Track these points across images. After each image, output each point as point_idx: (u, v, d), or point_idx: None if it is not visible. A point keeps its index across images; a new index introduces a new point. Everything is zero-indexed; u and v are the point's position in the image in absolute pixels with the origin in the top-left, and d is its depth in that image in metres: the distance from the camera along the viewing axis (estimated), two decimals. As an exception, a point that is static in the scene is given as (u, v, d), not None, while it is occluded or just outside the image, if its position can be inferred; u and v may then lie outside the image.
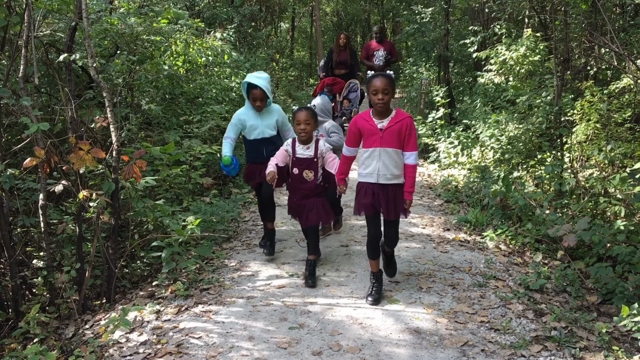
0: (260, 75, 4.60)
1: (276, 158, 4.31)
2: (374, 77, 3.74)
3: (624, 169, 5.99)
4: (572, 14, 8.27)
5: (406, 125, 3.76)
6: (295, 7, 18.80)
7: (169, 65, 6.98)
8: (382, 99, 3.69)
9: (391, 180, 3.83)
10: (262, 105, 4.59)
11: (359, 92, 9.74)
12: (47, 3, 5.05)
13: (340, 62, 10.22)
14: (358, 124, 3.86)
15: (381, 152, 3.78)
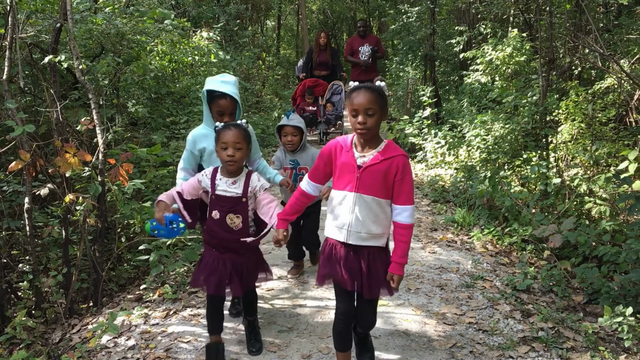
0: (227, 79, 3.33)
1: (181, 186, 3.08)
2: (354, 90, 2.63)
3: (609, 167, 6.07)
4: (556, 14, 8.34)
5: (397, 167, 2.62)
6: (281, 5, 18.75)
7: (155, 65, 6.94)
8: (364, 123, 2.55)
9: (366, 241, 2.72)
10: (231, 121, 3.20)
11: (343, 94, 9.40)
12: (31, 4, 4.98)
13: (320, 62, 9.73)
14: (331, 151, 2.76)
15: (356, 199, 2.67)
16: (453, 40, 10.26)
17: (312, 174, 2.87)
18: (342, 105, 9.66)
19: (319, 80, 9.52)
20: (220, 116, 3.29)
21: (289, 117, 3.88)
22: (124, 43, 6.16)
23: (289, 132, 3.94)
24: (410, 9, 12.26)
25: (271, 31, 21.88)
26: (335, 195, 2.79)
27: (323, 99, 9.73)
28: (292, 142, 3.92)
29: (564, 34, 8.30)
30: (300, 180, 3.06)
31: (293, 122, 3.92)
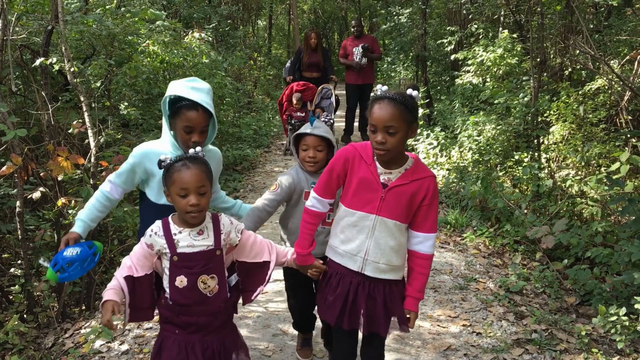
0: (199, 85, 2.56)
1: (127, 265, 2.27)
2: (376, 100, 2.19)
3: (599, 168, 6.11)
4: (547, 15, 8.39)
5: (427, 189, 2.29)
6: (272, 5, 18.73)
7: (147, 67, 6.91)
8: (382, 143, 2.16)
9: (384, 274, 2.35)
10: (201, 141, 2.52)
11: (334, 98, 8.77)
12: (22, 5, 4.94)
13: (311, 64, 9.14)
14: (347, 160, 2.34)
15: (377, 224, 2.30)
16: (444, 40, 10.27)
17: (322, 187, 2.41)
18: (332, 110, 8.90)
19: (308, 84, 8.81)
20: (187, 134, 2.48)
21: (314, 124, 2.90)
22: (115, 44, 6.12)
23: (312, 144, 2.82)
24: (402, 10, 12.28)
25: (262, 31, 21.86)
26: (347, 214, 2.35)
27: (312, 104, 8.92)
28: (315, 158, 2.82)
29: (555, 34, 8.35)
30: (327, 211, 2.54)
31: (319, 132, 2.82)
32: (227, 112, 10.17)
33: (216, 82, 8.90)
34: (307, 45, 9.12)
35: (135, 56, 6.33)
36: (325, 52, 9.32)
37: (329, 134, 2.86)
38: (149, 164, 2.56)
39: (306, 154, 2.84)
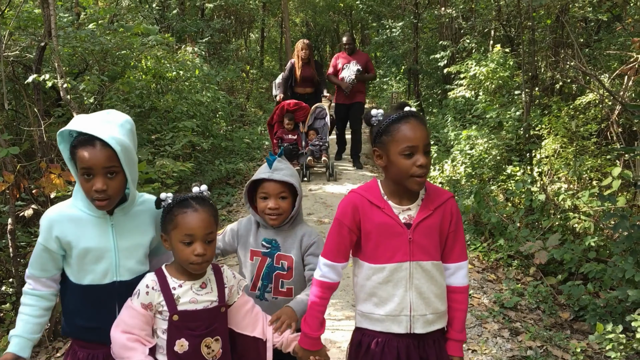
0: (108, 118, 1.97)
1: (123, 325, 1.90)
2: (403, 118, 1.92)
3: (592, 181, 6.15)
4: (538, 29, 8.48)
5: (452, 214, 2.03)
6: (264, 19, 18.81)
7: (138, 81, 6.90)
8: (426, 166, 1.90)
9: (433, 325, 2.03)
10: (108, 190, 1.89)
11: (328, 118, 8.17)
12: (15, 21, 4.93)
13: (304, 78, 8.37)
14: (356, 211, 2.01)
15: (414, 271, 1.98)
16: (437, 55, 10.34)
17: (333, 249, 2.04)
18: (326, 131, 8.26)
19: (301, 103, 8.04)
20: (86, 180, 1.88)
21: (273, 164, 2.25)
22: (108, 60, 6.12)
23: (273, 192, 2.22)
24: (394, 24, 12.37)
25: (255, 43, 21.93)
26: (374, 272, 2.00)
27: (305, 125, 8.24)
28: (278, 210, 2.23)
29: (545, 48, 8.44)
30: (275, 281, 2.25)
31: (280, 176, 2.22)
32: (220, 125, 10.17)
33: (209, 96, 8.90)
34: (297, 56, 8.35)
35: (128, 71, 6.33)
36: (318, 66, 8.62)
37: (293, 178, 2.26)
38: (61, 232, 1.94)
39: (266, 204, 2.23)
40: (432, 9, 11.75)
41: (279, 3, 22.22)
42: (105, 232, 1.99)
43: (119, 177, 1.91)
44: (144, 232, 2.06)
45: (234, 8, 13.60)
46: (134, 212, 2.05)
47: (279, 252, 2.29)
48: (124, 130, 1.94)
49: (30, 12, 5.77)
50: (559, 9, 6.95)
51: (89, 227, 1.97)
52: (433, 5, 12.20)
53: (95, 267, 1.99)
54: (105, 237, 1.99)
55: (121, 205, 2.01)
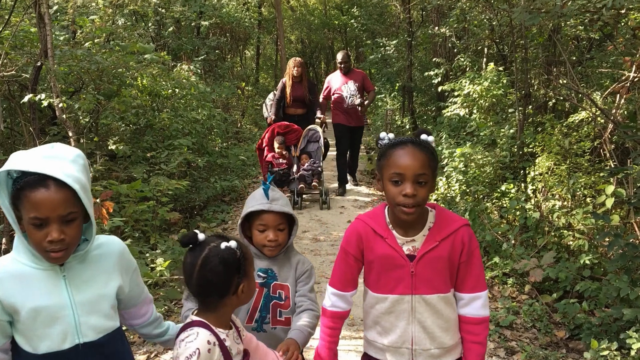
0: (54, 153, 1.65)
1: None
2: (397, 145, 1.85)
3: (585, 198, 6.18)
4: (530, 47, 8.56)
5: (463, 243, 1.90)
6: (260, 36, 18.95)
7: (134, 99, 6.93)
8: (413, 196, 1.79)
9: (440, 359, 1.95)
10: (73, 245, 1.65)
11: (322, 141, 7.77)
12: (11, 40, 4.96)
13: (296, 98, 7.90)
14: (360, 239, 1.96)
15: (416, 305, 1.90)
16: (431, 72, 10.41)
17: (340, 277, 2.01)
18: (320, 155, 7.82)
19: (292, 125, 7.66)
20: (37, 229, 1.57)
21: (270, 195, 2.19)
22: (104, 78, 6.15)
23: (272, 223, 2.18)
24: (388, 42, 12.47)
25: (250, 60, 22.06)
26: (377, 301, 1.95)
27: (297, 149, 7.84)
28: (277, 241, 2.19)
29: (538, 66, 8.52)
30: (273, 311, 2.19)
31: (279, 207, 2.18)
32: (216, 142, 10.19)
33: (205, 114, 8.92)
34: (289, 75, 7.85)
35: (124, 90, 6.35)
36: (311, 85, 8.16)
37: (289, 207, 2.24)
38: (3, 292, 1.62)
39: (264, 236, 2.17)
40: (426, 27, 11.86)
41: (274, 21, 22.43)
42: (57, 286, 1.67)
43: (77, 222, 1.64)
44: (107, 281, 1.78)
45: (230, 26, 13.69)
46: (91, 259, 1.76)
47: (275, 281, 2.25)
48: (78, 166, 1.65)
49: (26, 31, 5.80)
50: (551, 28, 7.03)
51: (36, 283, 1.64)
52: (427, 23, 12.33)
53: (50, 331, 1.65)
54: (58, 292, 1.66)
55: (75, 253, 1.69)
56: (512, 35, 7.71)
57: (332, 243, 6.35)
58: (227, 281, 1.73)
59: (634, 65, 5.63)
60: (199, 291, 1.75)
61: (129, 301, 1.90)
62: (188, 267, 1.74)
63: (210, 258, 1.71)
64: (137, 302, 1.93)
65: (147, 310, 1.98)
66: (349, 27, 23.59)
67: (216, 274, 1.71)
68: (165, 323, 2.10)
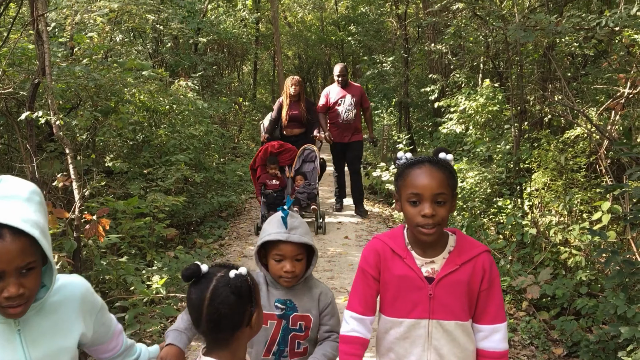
0: (13, 192, 1.42)
1: None
2: (414, 164, 1.81)
3: (582, 214, 6.19)
4: (526, 63, 8.63)
5: (484, 270, 1.84)
6: (257, 52, 19.07)
7: (132, 115, 6.94)
8: (432, 216, 1.74)
9: None
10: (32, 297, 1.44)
11: (318, 162, 7.39)
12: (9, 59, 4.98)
13: (293, 118, 7.61)
14: (379, 259, 1.90)
15: (433, 330, 1.84)
16: (427, 88, 10.47)
17: (359, 300, 1.91)
18: (315, 176, 7.42)
19: (286, 145, 7.35)
20: None
21: (288, 223, 2.06)
22: (101, 95, 6.17)
23: (290, 254, 2.05)
24: (385, 59, 12.56)
25: (247, 76, 22.17)
26: (392, 325, 1.87)
27: (291, 170, 7.44)
28: (294, 272, 2.06)
29: (534, 82, 8.58)
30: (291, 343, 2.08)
31: (298, 237, 2.05)
32: (213, 158, 10.20)
33: (202, 129, 8.94)
34: (286, 93, 7.60)
35: (121, 107, 6.37)
36: (310, 104, 7.85)
37: (308, 236, 2.09)
38: None
39: (281, 267, 2.05)
40: (422, 43, 11.96)
41: (271, 37, 22.58)
42: (10, 342, 1.46)
43: (36, 271, 1.43)
44: (67, 331, 1.57)
45: (227, 42, 13.77)
46: (49, 307, 1.54)
47: (295, 312, 2.11)
48: (34, 205, 1.43)
49: (24, 48, 5.82)
50: (545, 45, 7.09)
51: None
52: (423, 40, 12.42)
53: None
54: (12, 348, 1.46)
55: (33, 303, 1.47)
56: (508, 52, 7.78)
57: (329, 259, 6.34)
58: (240, 313, 1.61)
59: (629, 82, 5.67)
60: (210, 328, 1.59)
61: (95, 341, 1.72)
62: (195, 303, 1.59)
63: (219, 289, 1.58)
64: (105, 340, 1.76)
65: (117, 344, 1.82)
66: (345, 43, 23.77)
67: (229, 306, 1.57)
68: (137, 348, 1.93)
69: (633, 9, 4.15)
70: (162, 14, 9.30)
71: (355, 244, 6.91)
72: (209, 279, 1.61)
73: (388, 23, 14.61)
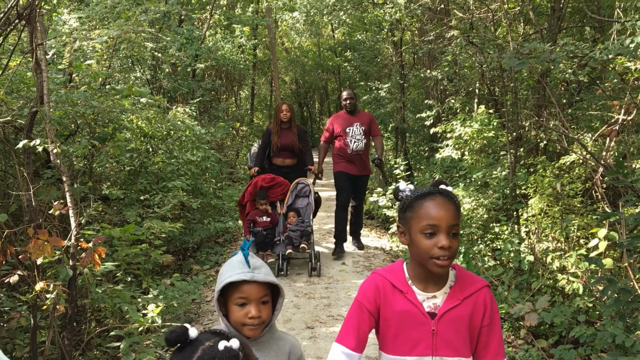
0: None
1: None
2: (427, 196, 1.79)
3: (579, 240, 6.19)
4: (520, 89, 8.71)
5: (485, 305, 1.83)
6: (255, 77, 19.23)
7: (129, 142, 6.96)
8: (448, 248, 1.73)
9: None
10: None
11: (312, 197, 6.81)
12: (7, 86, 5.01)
13: (284, 147, 7.00)
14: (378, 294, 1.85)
15: None
16: (423, 114, 10.54)
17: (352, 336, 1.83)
18: (310, 213, 6.78)
19: (277, 178, 6.76)
20: None
21: (250, 262, 1.84)
22: (99, 122, 6.19)
23: (255, 296, 1.83)
24: (381, 85, 12.67)
25: (245, 101, 22.30)
26: None
27: (283, 205, 6.85)
28: (260, 318, 1.84)
29: (529, 108, 8.65)
30: None
31: (262, 276, 1.84)
32: (210, 183, 10.21)
33: (200, 155, 8.97)
34: (276, 120, 7.04)
35: (119, 134, 6.40)
36: (302, 132, 7.20)
37: (272, 275, 1.87)
38: None
39: (245, 312, 1.81)
40: (418, 69, 12.07)
41: (269, 62, 22.80)
42: None
43: None
44: None
45: (225, 68, 13.89)
46: None
47: None
48: None
49: (22, 75, 5.86)
50: (539, 72, 7.17)
51: None
52: (418, 66, 12.55)
53: None
54: None
55: None
56: (502, 78, 7.85)
57: (326, 286, 6.30)
58: None
59: (622, 109, 5.73)
60: None
61: None
62: None
63: None
64: None
65: None
66: (342, 68, 23.98)
67: None
68: None
69: (626, 41, 4.21)
70: (160, 42, 9.39)
71: (352, 270, 6.89)
72: (194, 347, 1.45)
73: (384, 49, 14.76)
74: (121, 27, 6.55)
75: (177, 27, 11.31)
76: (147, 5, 8.34)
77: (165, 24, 11.38)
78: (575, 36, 9.50)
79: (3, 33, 4.12)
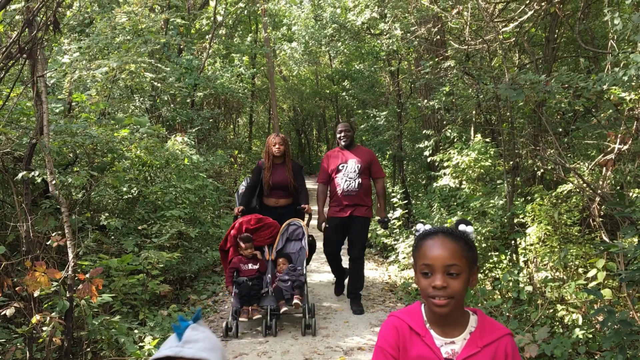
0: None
1: None
2: (427, 236, 1.78)
3: (577, 269, 6.18)
4: (517, 118, 8.78)
5: (506, 353, 1.74)
6: (253, 105, 19.38)
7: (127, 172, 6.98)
8: (443, 287, 1.69)
9: None
10: None
11: (306, 240, 5.92)
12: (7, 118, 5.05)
13: (276, 184, 6.06)
14: (398, 338, 1.79)
15: None
16: (421, 145, 10.60)
17: None
18: (303, 259, 5.89)
19: (265, 219, 5.84)
20: None
21: (185, 335, 1.45)
22: (97, 152, 6.22)
23: None
24: (378, 113, 12.78)
25: (243, 128, 22.43)
26: None
27: (272, 251, 5.92)
28: None
29: (525, 137, 8.72)
30: None
31: (194, 351, 1.42)
32: (208, 212, 10.19)
33: (198, 184, 8.98)
34: (267, 154, 6.09)
35: (117, 165, 6.42)
36: (297, 168, 6.26)
37: (212, 353, 1.46)
38: None
39: None
40: (415, 99, 12.19)
41: (267, 90, 22.99)
42: None
43: None
44: None
45: (224, 97, 14.00)
46: None
47: None
48: None
49: (22, 106, 5.91)
50: (535, 102, 7.25)
51: None
52: (415, 95, 12.67)
53: None
54: None
55: None
56: (499, 108, 7.93)
57: (324, 316, 6.24)
58: None
59: (618, 138, 5.78)
60: None
61: None
62: None
63: None
64: None
65: None
66: (340, 96, 24.17)
67: None
68: None
69: (619, 73, 4.27)
70: (159, 73, 9.48)
71: (350, 300, 6.83)
72: None
73: (381, 78, 14.92)
74: (121, 58, 6.62)
75: (177, 57, 11.44)
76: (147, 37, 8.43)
77: (164, 54, 11.52)
78: (571, 65, 9.64)
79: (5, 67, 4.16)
